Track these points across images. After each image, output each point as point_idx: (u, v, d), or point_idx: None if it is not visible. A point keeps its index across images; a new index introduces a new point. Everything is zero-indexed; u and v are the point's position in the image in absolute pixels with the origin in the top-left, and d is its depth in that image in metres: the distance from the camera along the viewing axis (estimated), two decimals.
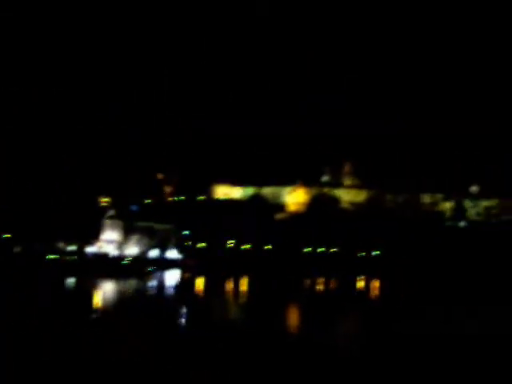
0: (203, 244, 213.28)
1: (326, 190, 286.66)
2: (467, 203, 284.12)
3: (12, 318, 60.69)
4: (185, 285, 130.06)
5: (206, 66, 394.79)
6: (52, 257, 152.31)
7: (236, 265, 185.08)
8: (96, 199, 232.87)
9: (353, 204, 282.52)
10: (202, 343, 50.56)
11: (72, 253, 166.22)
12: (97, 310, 74.06)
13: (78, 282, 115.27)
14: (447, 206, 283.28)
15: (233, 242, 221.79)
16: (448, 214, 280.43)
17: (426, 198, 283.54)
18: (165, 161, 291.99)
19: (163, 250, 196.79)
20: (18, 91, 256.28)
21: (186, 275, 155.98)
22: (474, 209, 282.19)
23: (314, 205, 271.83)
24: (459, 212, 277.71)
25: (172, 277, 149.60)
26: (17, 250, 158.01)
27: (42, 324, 57.22)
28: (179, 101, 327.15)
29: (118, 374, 37.95)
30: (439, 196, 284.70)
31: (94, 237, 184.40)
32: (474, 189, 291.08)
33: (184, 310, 77.75)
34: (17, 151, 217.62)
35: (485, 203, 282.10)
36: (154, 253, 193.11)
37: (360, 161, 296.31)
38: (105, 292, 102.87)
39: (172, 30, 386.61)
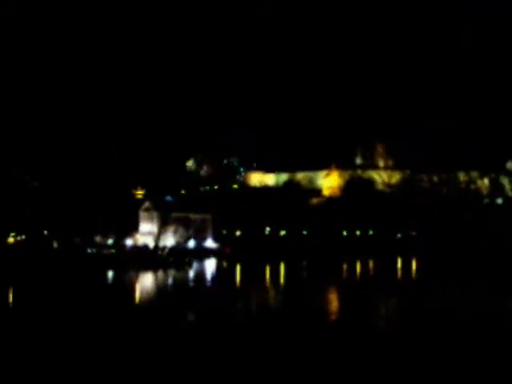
0: (239, 232, 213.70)
1: (359, 172, 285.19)
2: (504, 179, 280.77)
3: (55, 312, 61.40)
4: (223, 273, 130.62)
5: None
6: (91, 251, 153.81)
7: (273, 251, 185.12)
8: (131, 192, 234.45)
9: (387, 185, 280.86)
10: (242, 329, 50.70)
11: (110, 246, 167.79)
12: (138, 302, 74.63)
13: (117, 275, 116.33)
14: (483, 183, 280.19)
15: (269, 228, 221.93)
16: (485, 191, 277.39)
17: (462, 176, 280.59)
18: (197, 151, 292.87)
19: (200, 239, 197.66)
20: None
21: (224, 264, 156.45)
22: (511, 185, 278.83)
23: (348, 188, 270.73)
24: (496, 189, 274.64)
25: (210, 266, 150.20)
26: (55, 245, 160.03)
27: (85, 317, 57.81)
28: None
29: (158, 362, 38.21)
30: (475, 173, 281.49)
31: (131, 229, 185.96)
32: (509, 165, 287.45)
33: (222, 299, 78.01)
34: (52, 147, 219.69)
35: None
36: (190, 243, 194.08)
37: (392, 141, 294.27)
38: (144, 284, 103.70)
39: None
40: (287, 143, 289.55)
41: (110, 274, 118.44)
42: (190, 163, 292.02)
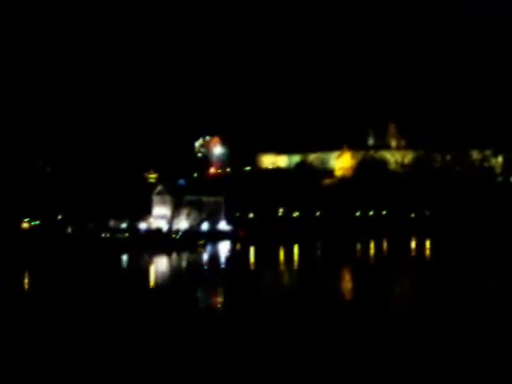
0: (252, 214, 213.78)
1: (372, 152, 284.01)
2: None
3: (72, 297, 61.72)
4: (236, 256, 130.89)
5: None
6: (105, 235, 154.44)
7: (286, 233, 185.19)
8: (144, 175, 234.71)
9: (400, 165, 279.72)
10: (256, 313, 50.78)
11: (124, 230, 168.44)
12: (153, 285, 74.94)
13: (131, 259, 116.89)
14: (497, 161, 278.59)
15: (282, 210, 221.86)
16: (498, 169, 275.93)
17: (475, 155, 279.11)
18: (209, 133, 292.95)
19: (213, 222, 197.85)
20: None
21: (238, 246, 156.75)
22: None
23: (361, 168, 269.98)
24: (510, 167, 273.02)
25: (223, 248, 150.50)
26: (70, 230, 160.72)
27: (101, 302, 58.09)
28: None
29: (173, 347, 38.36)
30: (488, 152, 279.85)
31: (144, 213, 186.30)
32: None
33: (237, 281, 78.19)
34: (65, 133, 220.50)
35: None
36: (204, 225, 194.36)
37: (405, 120, 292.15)
38: (159, 267, 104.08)
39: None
40: (299, 124, 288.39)
41: (125, 257, 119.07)
42: (198, 145, 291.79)
